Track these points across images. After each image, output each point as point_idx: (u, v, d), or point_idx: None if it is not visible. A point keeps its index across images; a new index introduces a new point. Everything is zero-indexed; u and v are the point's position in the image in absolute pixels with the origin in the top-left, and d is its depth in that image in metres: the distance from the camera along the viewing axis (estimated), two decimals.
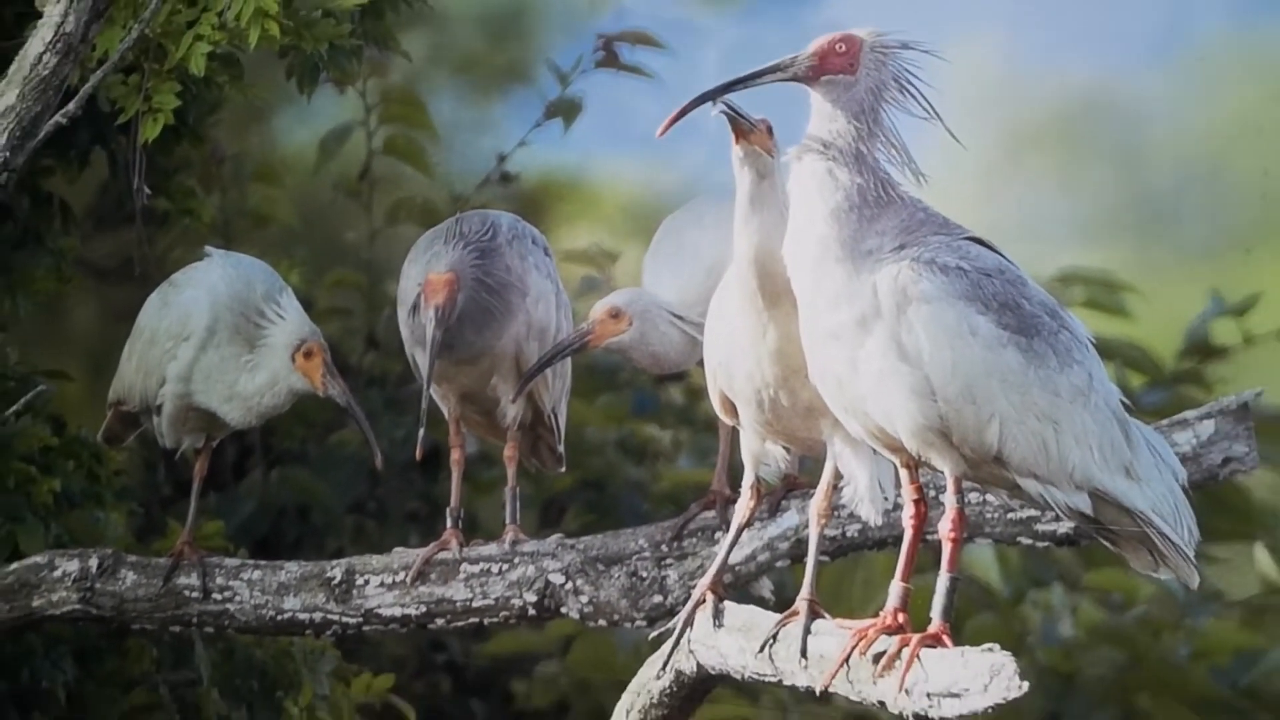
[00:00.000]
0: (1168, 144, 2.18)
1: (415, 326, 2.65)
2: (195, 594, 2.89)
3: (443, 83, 2.82)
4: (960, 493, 2.07)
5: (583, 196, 2.57)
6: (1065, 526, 2.30)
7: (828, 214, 2.09)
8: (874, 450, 2.16)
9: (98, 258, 3.25)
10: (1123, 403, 2.11)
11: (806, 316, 2.11)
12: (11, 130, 3.40)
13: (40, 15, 3.39)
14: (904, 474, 2.13)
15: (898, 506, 2.18)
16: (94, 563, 3.02)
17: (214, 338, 2.93)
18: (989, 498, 2.34)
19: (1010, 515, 2.36)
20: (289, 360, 2.83)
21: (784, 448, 2.29)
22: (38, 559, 3.07)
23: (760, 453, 2.27)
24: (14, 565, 3.11)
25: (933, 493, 2.19)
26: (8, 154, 3.40)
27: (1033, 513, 2.34)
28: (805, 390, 2.18)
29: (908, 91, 2.15)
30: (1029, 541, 2.35)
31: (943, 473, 2.07)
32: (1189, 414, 2.27)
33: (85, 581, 3.01)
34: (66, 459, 3.17)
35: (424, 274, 2.63)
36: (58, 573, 3.05)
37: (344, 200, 2.88)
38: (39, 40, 3.40)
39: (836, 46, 2.15)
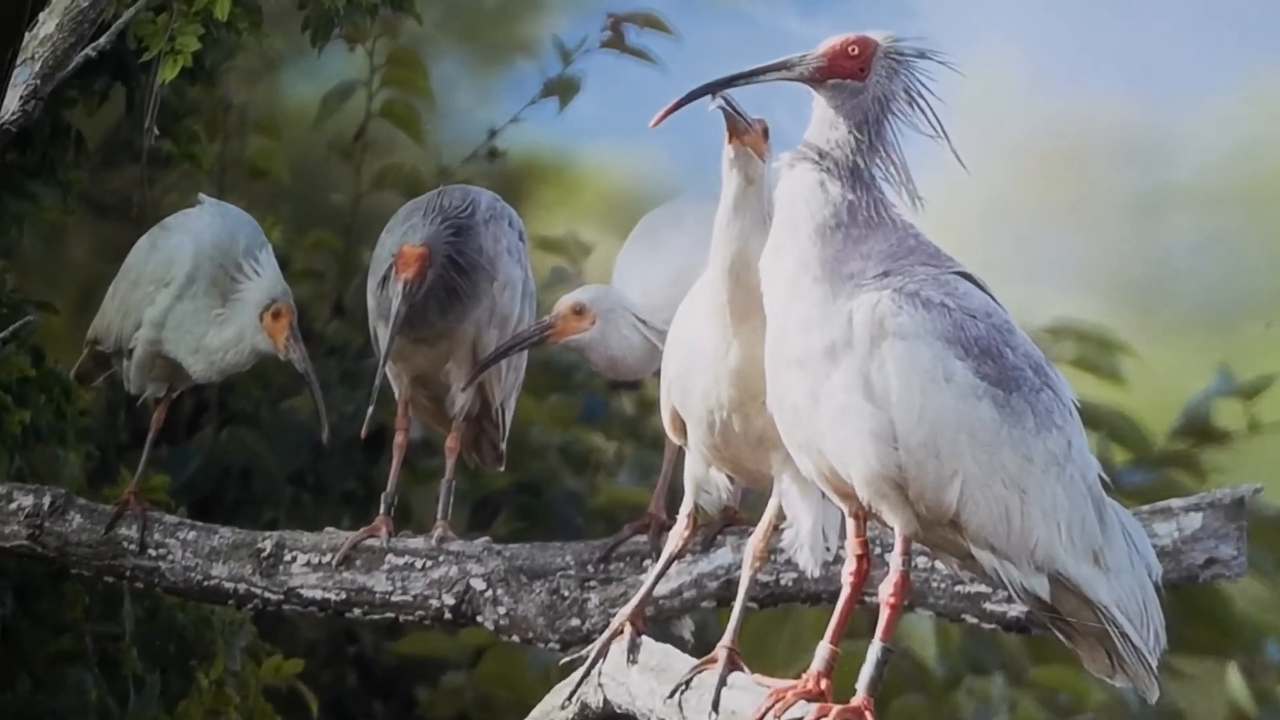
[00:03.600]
0: (1196, 193, 1.88)
1: (382, 299, 2.50)
2: (132, 546, 2.78)
3: (449, 49, 2.65)
4: (908, 555, 1.82)
5: (566, 182, 2.37)
6: (1017, 610, 2.01)
7: (813, 229, 1.87)
8: (823, 494, 1.94)
9: (99, 194, 3.15)
10: (1101, 479, 1.84)
11: (774, 337, 1.89)
12: (46, 59, 3.36)
13: None
14: (850, 524, 1.89)
15: (839, 559, 1.94)
16: (47, 500, 2.94)
17: (192, 286, 2.83)
18: (938, 565, 2.07)
19: (958, 588, 2.07)
20: (257, 318, 2.72)
21: (729, 477, 2.07)
22: None
23: (703, 479, 2.07)
24: None
25: (878, 550, 1.93)
26: (38, 82, 3.35)
27: (983, 589, 2.05)
28: (760, 418, 1.97)
29: (917, 104, 1.92)
30: (974, 620, 2.05)
31: (892, 529, 1.83)
32: (1175, 502, 1.96)
33: (36, 518, 2.93)
34: (40, 392, 3.09)
35: (399, 245, 2.48)
36: (14, 505, 2.97)
37: (336, 160, 2.73)
38: None
39: (849, 49, 1.92)
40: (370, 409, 2.46)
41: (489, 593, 2.31)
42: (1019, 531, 1.79)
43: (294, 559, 2.54)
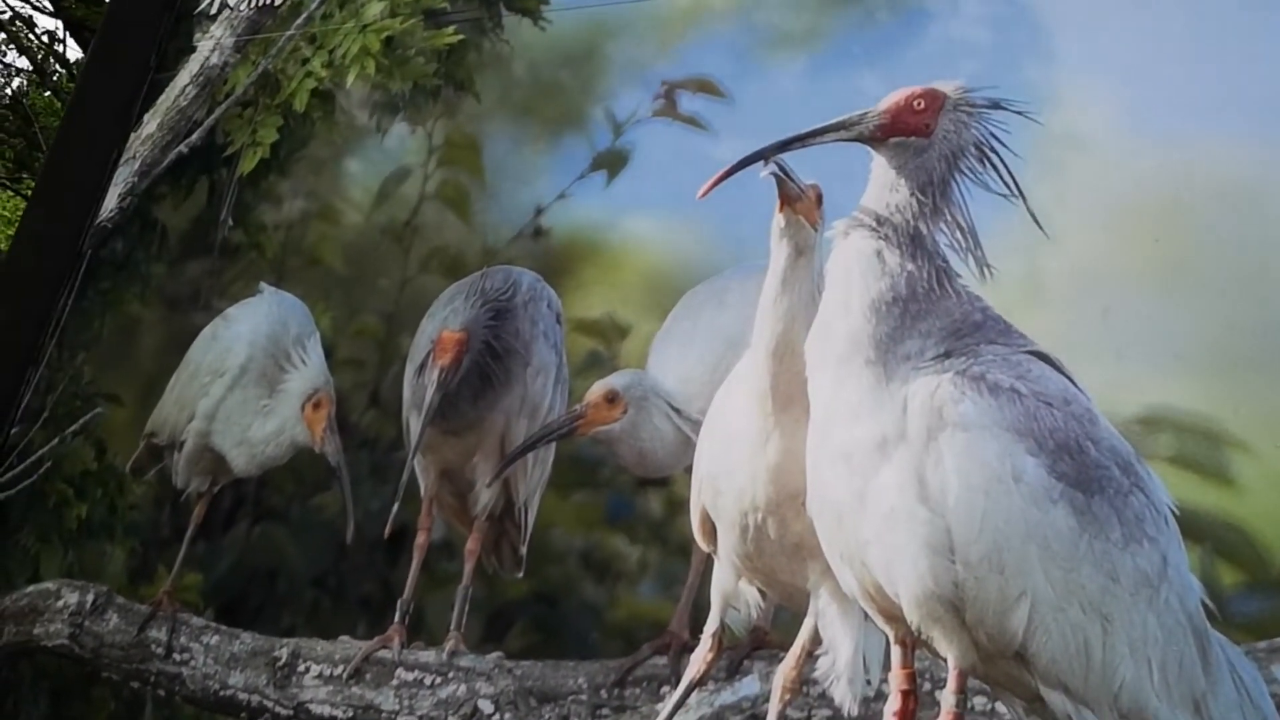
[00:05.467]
0: None
1: (418, 387, 2.35)
2: (159, 650, 2.65)
3: (503, 127, 2.53)
4: (963, 693, 1.53)
5: (607, 259, 2.18)
6: None
7: (867, 304, 1.67)
8: (865, 615, 1.65)
9: (173, 286, 3.14)
10: (1205, 606, 1.50)
11: (817, 427, 1.67)
12: (145, 158, 3.48)
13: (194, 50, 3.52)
14: (896, 653, 1.61)
15: (881, 695, 1.63)
16: (90, 598, 2.87)
17: (244, 377, 2.77)
18: (998, 707, 1.71)
19: None
20: (299, 409, 2.62)
21: (760, 591, 1.81)
22: (49, 585, 2.94)
23: (732, 593, 1.80)
24: (29, 589, 2.98)
25: (927, 686, 1.62)
26: (136, 179, 3.47)
27: None
28: (798, 522, 1.72)
29: (988, 160, 1.71)
30: None
31: (944, 661, 1.54)
32: None
33: (79, 616, 2.86)
34: (98, 486, 3.04)
35: (439, 330, 2.34)
36: (61, 603, 2.91)
37: (388, 244, 2.62)
38: (186, 73, 3.50)
39: (914, 103, 1.75)
40: (396, 506, 2.30)
41: (496, 716, 2.05)
42: (1100, 669, 1.46)
43: (307, 669, 2.35)
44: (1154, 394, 1.62)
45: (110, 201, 3.47)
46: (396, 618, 2.27)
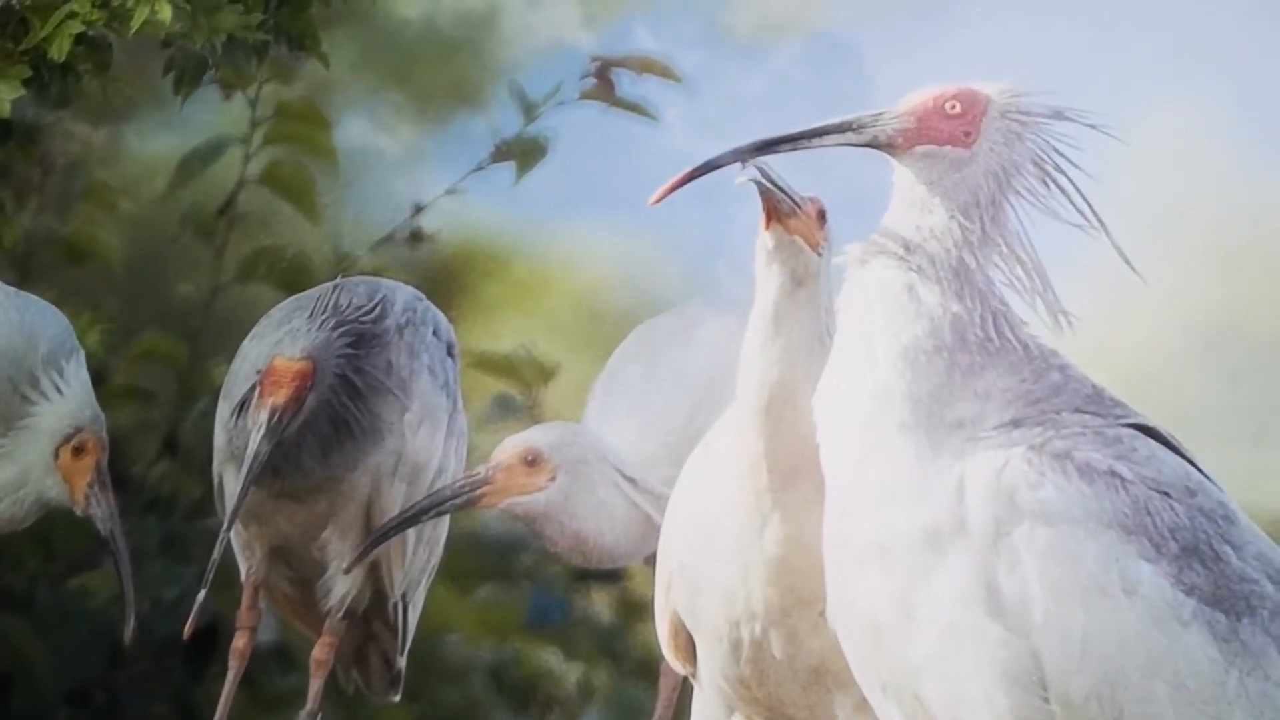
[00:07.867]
0: None
1: (236, 432, 1.99)
2: None
3: (363, 98, 2.13)
4: None
5: (521, 277, 1.86)
6: None
7: (898, 353, 1.44)
8: None
9: None
10: None
11: (836, 510, 1.45)
12: None
13: None
14: None
15: None
16: None
17: None
18: None
19: None
20: (51, 455, 2.19)
21: None
22: None
23: None
24: None
25: None
26: None
27: None
28: (815, 638, 1.51)
29: (1054, 182, 1.49)
30: None
31: None
32: None
33: None
34: None
35: (269, 357, 1.92)
36: None
37: (191, 240, 2.15)
38: None
39: (947, 105, 1.51)
40: (203, 594, 1.86)
41: None
42: None
43: None
44: None
45: None
46: None
